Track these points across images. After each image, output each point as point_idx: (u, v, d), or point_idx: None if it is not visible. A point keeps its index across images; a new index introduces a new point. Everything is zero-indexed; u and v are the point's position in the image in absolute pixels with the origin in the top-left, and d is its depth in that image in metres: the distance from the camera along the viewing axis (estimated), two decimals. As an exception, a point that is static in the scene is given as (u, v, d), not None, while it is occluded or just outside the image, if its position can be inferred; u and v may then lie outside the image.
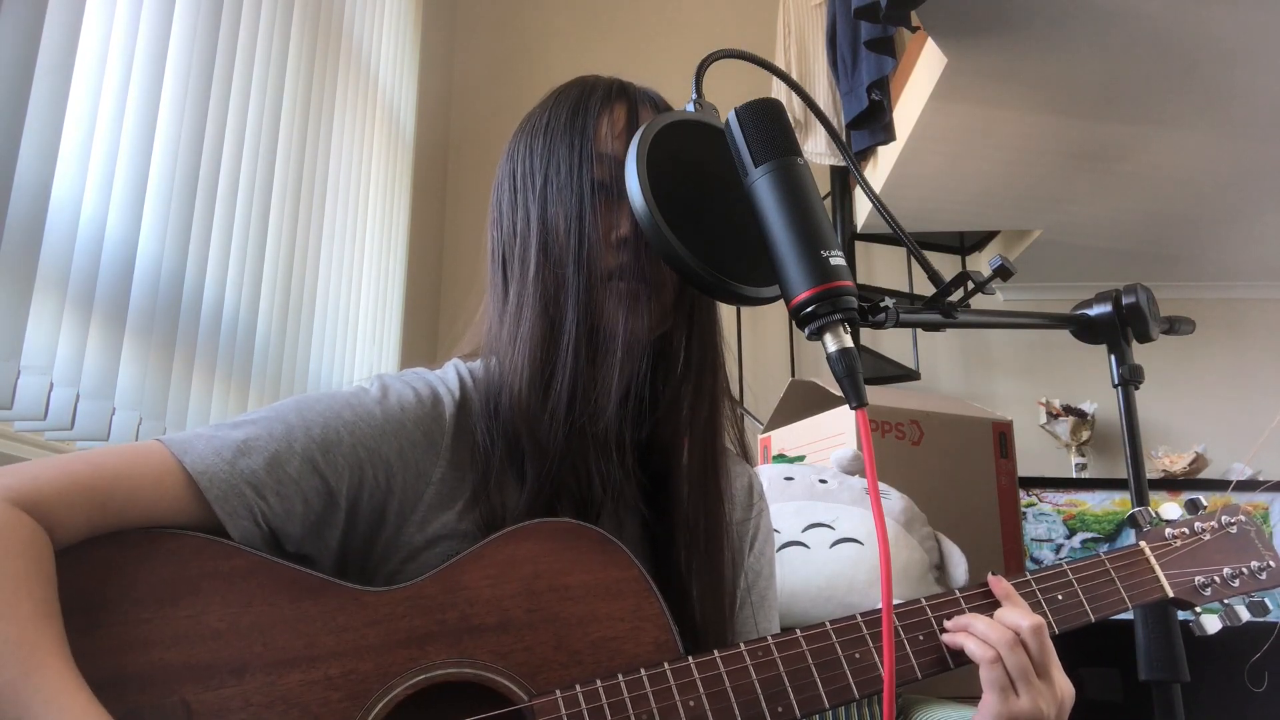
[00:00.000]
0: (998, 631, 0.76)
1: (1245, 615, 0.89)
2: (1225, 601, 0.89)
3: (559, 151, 0.83)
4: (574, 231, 0.80)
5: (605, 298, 0.80)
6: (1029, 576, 0.84)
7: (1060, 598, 0.83)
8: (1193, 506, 0.94)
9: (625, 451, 0.85)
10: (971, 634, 0.77)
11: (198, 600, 0.67)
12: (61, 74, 1.30)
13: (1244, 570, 0.90)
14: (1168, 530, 0.91)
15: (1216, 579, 0.89)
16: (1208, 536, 0.92)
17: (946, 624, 0.79)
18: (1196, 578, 0.89)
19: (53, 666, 0.60)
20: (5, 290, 1.20)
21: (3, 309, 1.19)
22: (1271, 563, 0.92)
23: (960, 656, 0.78)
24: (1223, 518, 0.94)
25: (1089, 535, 2.84)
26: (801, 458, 2.03)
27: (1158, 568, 0.88)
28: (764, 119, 0.73)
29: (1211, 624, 0.89)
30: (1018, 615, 0.78)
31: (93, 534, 0.67)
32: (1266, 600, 0.90)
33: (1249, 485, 2.94)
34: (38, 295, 1.25)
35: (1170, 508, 0.93)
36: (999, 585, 0.82)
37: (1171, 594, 0.87)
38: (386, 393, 0.80)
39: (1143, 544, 0.90)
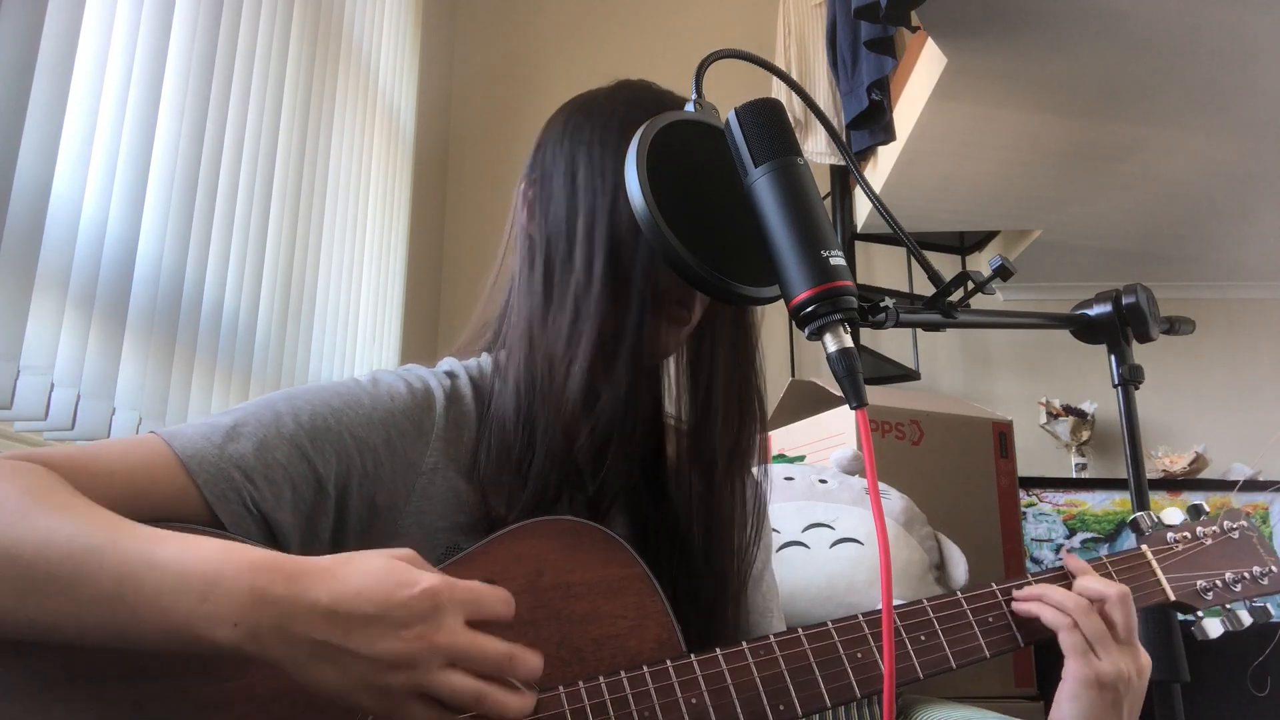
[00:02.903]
0: (1073, 599, 0.79)
1: (1247, 620, 0.89)
2: (1227, 606, 0.90)
3: None
4: (645, 249, 0.78)
5: (663, 321, 0.81)
6: (1030, 578, 0.84)
7: None
8: (1195, 511, 0.94)
9: (636, 452, 0.85)
10: (1046, 602, 0.79)
11: None
12: (61, 74, 1.30)
13: (1246, 575, 0.91)
14: (1169, 534, 0.92)
15: (1218, 583, 0.89)
16: (1209, 541, 0.92)
17: (1016, 594, 0.82)
18: (1198, 582, 0.89)
19: (128, 527, 0.61)
20: (5, 290, 1.20)
21: (3, 309, 1.19)
22: (1273, 567, 0.92)
23: (1032, 631, 0.80)
24: (1224, 523, 0.94)
25: (1089, 535, 2.84)
26: (801, 458, 2.03)
27: (1159, 571, 0.88)
28: (764, 119, 0.73)
29: (1213, 628, 0.89)
30: (1101, 584, 0.80)
31: None
32: (1268, 605, 0.90)
33: (1249, 485, 2.94)
34: (38, 295, 1.25)
35: (1172, 512, 0.94)
36: (1073, 562, 0.85)
37: (1173, 597, 0.88)
38: (377, 384, 0.81)
39: (1144, 547, 0.90)
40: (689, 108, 0.81)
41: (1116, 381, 1.02)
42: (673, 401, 0.88)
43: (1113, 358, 1.02)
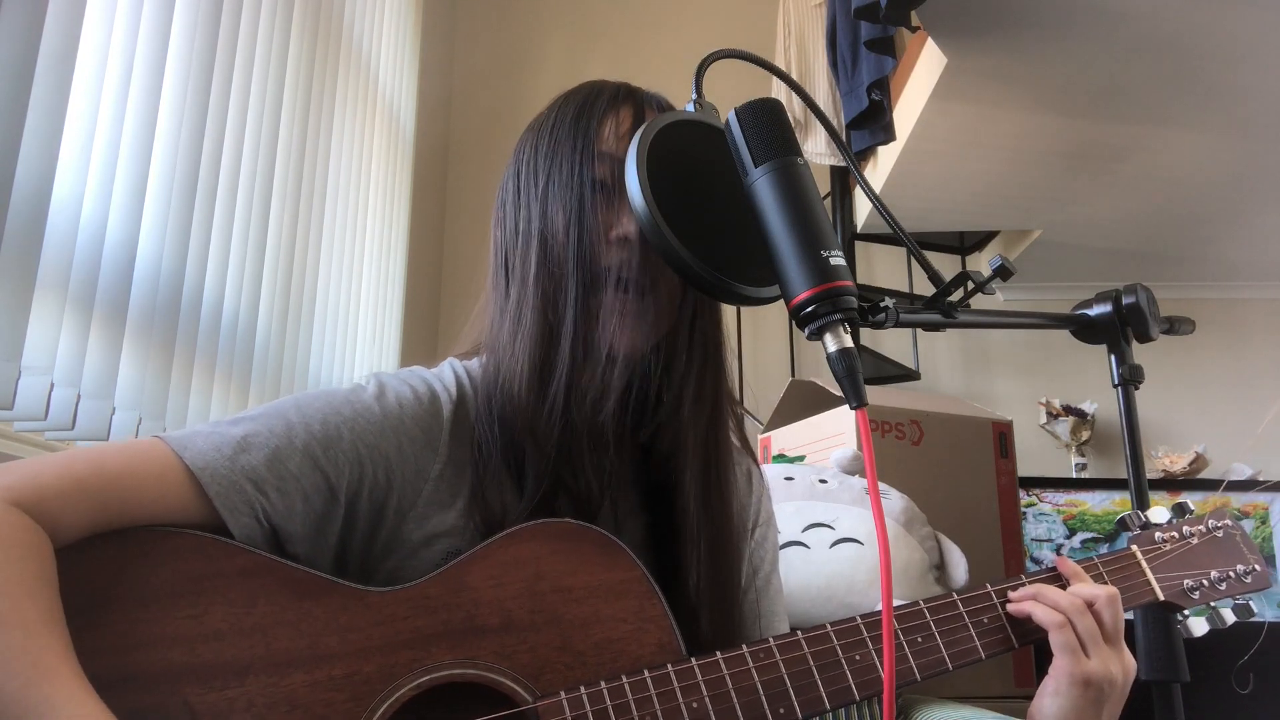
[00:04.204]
0: (1067, 599, 0.80)
1: (1230, 618, 0.90)
2: (1212, 604, 0.90)
3: (562, 151, 0.83)
4: (573, 231, 0.80)
5: (603, 307, 0.80)
6: (1024, 577, 0.84)
7: None
8: (1180, 510, 0.95)
9: (625, 452, 0.85)
10: (1040, 601, 0.80)
11: (200, 600, 0.67)
12: (61, 74, 1.30)
13: (1230, 574, 0.92)
14: (1157, 534, 0.92)
15: (1204, 582, 0.90)
16: (1195, 540, 0.93)
17: (1011, 595, 0.82)
18: (1185, 581, 0.90)
19: (60, 673, 0.59)
20: (6, 290, 1.20)
21: (3, 309, 1.19)
22: (1257, 566, 0.93)
23: (1026, 632, 0.80)
24: (1210, 522, 0.95)
25: (1089, 535, 2.84)
26: (801, 458, 2.03)
27: (1148, 571, 0.89)
28: (764, 119, 0.73)
29: (1198, 626, 0.90)
30: (1092, 587, 0.81)
31: (94, 532, 0.67)
32: (1251, 603, 0.91)
33: (1249, 485, 2.94)
34: (38, 295, 1.25)
35: (1158, 511, 0.94)
36: (1066, 565, 0.85)
37: (1162, 597, 0.88)
38: (384, 390, 0.81)
39: (1134, 547, 0.91)
40: (689, 108, 0.81)
41: (1116, 381, 1.02)
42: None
43: (1113, 358, 1.02)
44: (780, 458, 2.07)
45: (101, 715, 0.59)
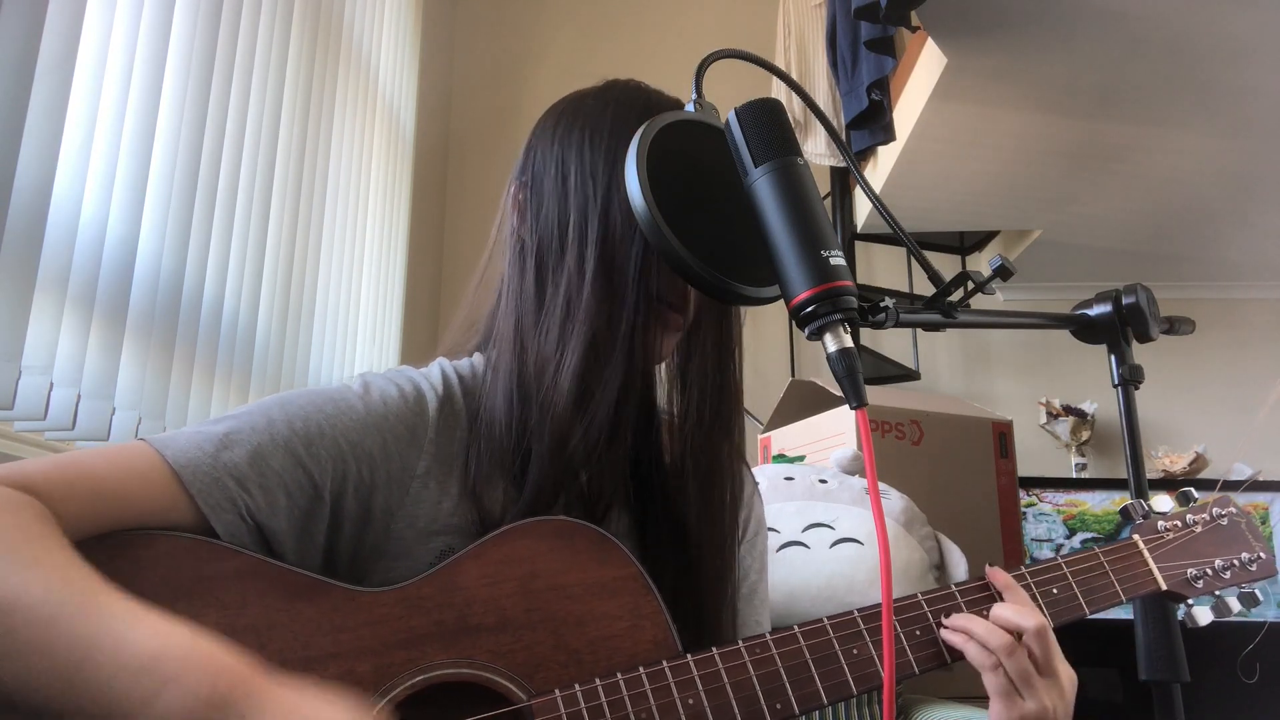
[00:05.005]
0: (997, 637, 0.77)
1: (1236, 607, 0.90)
2: (1217, 593, 0.90)
3: (623, 161, 0.80)
4: (637, 248, 0.79)
5: (655, 324, 0.81)
6: (1024, 570, 0.84)
7: (1055, 591, 0.84)
8: (1184, 499, 0.95)
9: (628, 451, 0.85)
10: (972, 638, 0.78)
11: (192, 603, 0.67)
12: (61, 74, 1.30)
13: (1235, 562, 0.91)
14: (1160, 523, 0.92)
15: (1208, 571, 0.90)
16: (1199, 529, 0.92)
17: (945, 621, 0.80)
18: (1189, 570, 0.89)
19: (111, 594, 0.59)
20: (6, 290, 1.20)
21: (3, 309, 1.19)
22: (1262, 554, 0.93)
23: (959, 654, 0.79)
24: (1214, 510, 0.94)
25: (1089, 535, 2.85)
26: (801, 458, 2.03)
27: (1150, 560, 0.88)
28: (764, 119, 0.73)
29: (1203, 615, 0.89)
30: (1018, 616, 0.78)
31: (84, 536, 0.66)
32: (1256, 591, 0.90)
33: (1249, 485, 2.94)
34: (38, 295, 1.25)
35: (1162, 500, 0.94)
36: (998, 576, 0.82)
37: (1164, 586, 0.88)
38: (369, 388, 0.80)
39: (1135, 536, 0.90)
40: (689, 108, 0.80)
41: (1116, 381, 1.02)
42: (665, 399, 0.89)
43: (1113, 358, 1.02)
44: (780, 458, 2.07)
45: (165, 623, 0.59)
